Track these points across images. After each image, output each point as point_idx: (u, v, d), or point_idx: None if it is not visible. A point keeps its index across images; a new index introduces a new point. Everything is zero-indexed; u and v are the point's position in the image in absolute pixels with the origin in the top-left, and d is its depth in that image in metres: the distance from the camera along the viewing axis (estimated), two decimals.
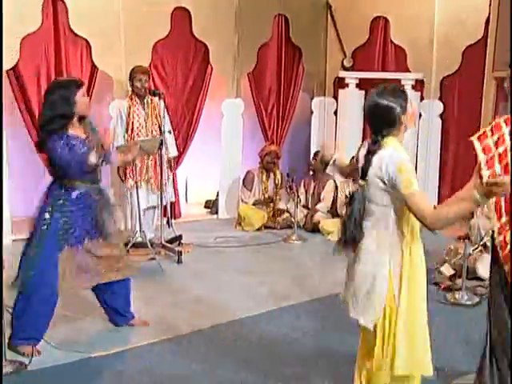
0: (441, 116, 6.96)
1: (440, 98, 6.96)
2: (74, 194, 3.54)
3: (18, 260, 5.14)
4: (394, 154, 2.52)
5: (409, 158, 2.56)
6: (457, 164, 6.96)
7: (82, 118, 3.54)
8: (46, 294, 3.50)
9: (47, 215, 3.52)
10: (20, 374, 3.33)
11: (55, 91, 3.44)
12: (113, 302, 3.92)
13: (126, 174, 5.62)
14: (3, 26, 5.39)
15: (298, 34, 7.25)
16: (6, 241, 5.48)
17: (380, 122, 2.59)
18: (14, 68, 5.64)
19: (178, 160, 6.67)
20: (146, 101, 5.59)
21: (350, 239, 2.63)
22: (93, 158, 3.48)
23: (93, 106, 6.13)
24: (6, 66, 5.55)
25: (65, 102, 3.39)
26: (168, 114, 6.27)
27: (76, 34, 5.86)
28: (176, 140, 6.56)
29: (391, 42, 7.17)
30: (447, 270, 4.85)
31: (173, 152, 5.90)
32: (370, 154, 2.58)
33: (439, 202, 7.19)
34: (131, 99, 5.57)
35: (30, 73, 5.78)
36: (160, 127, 5.52)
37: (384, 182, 2.52)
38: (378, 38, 7.26)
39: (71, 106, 3.41)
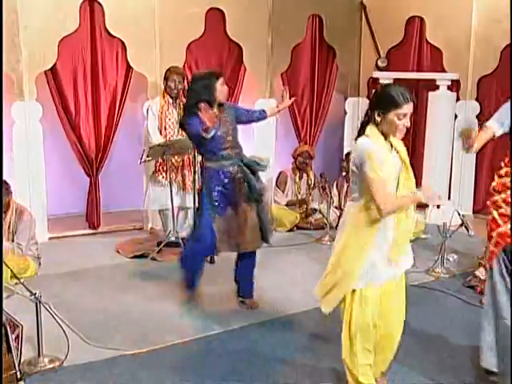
0: (477, 117, 6.84)
1: (477, 99, 6.85)
2: (210, 172, 4.09)
3: (56, 257, 5.30)
4: (365, 142, 2.79)
5: (382, 150, 2.78)
6: (493, 166, 6.83)
7: (220, 104, 4.11)
8: (201, 249, 4.21)
9: (202, 187, 4.21)
10: (56, 369, 3.39)
11: (198, 81, 4.08)
12: (243, 273, 4.41)
13: (154, 173, 5.66)
14: (42, 28, 5.57)
15: (332, 34, 7.22)
16: (42, 239, 5.61)
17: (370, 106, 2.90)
18: (52, 68, 5.74)
19: None
20: (178, 102, 5.63)
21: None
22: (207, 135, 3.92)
23: (127, 105, 6.26)
24: (45, 66, 5.67)
25: (206, 89, 3.98)
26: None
27: (112, 35, 5.94)
28: None
29: (427, 41, 7.08)
30: (482, 274, 4.77)
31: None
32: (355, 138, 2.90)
33: (475, 204, 7.09)
34: (164, 99, 5.62)
35: (67, 73, 5.88)
36: None
37: (356, 167, 2.82)
38: (413, 37, 7.18)
39: (211, 93, 3.99)
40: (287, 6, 6.77)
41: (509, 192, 3.32)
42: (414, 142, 7.25)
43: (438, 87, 6.77)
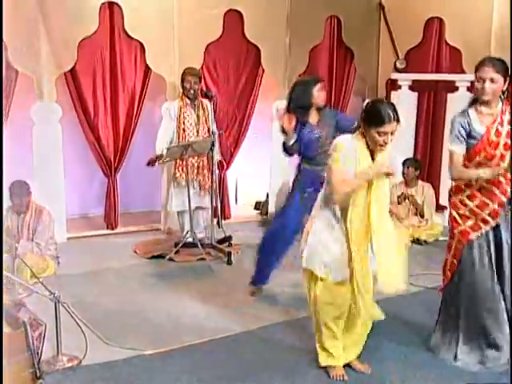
0: None
1: None
2: (305, 172, 4.30)
3: (74, 257, 5.34)
4: (342, 138, 3.16)
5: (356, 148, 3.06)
6: None
7: (320, 109, 4.29)
8: (281, 235, 4.35)
9: (293, 187, 4.41)
10: (75, 368, 3.41)
11: (297, 87, 4.30)
12: None
13: (175, 174, 5.68)
14: (62, 31, 5.61)
15: (350, 35, 7.19)
16: (61, 239, 5.66)
17: None
18: (72, 70, 5.79)
19: (228, 161, 6.72)
20: (196, 103, 5.64)
21: None
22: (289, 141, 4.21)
23: (146, 106, 6.29)
24: (65, 67, 5.72)
25: (304, 95, 4.21)
26: (219, 115, 6.35)
27: (131, 37, 5.97)
28: (227, 141, 6.62)
29: (446, 42, 7.01)
30: None
31: (217, 156, 5.87)
32: None
33: None
34: (182, 101, 5.64)
35: (86, 74, 5.93)
36: (209, 129, 5.58)
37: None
38: (432, 38, 7.11)
39: (308, 99, 4.21)
40: (305, 7, 6.75)
41: (466, 194, 3.46)
42: (433, 143, 7.19)
43: (457, 89, 6.72)
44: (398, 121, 3.05)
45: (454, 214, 3.49)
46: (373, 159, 3.11)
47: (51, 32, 5.57)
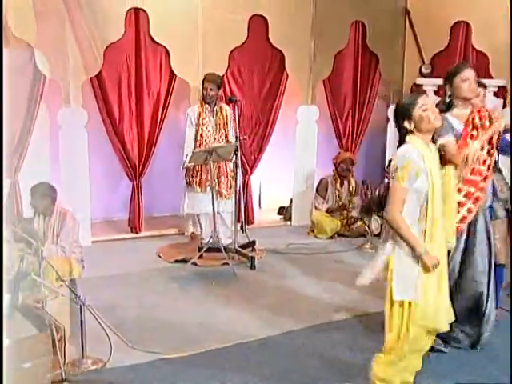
0: None
1: None
2: None
3: (99, 261, 5.38)
4: (401, 151, 2.87)
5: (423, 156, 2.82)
6: None
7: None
8: None
9: None
10: (99, 371, 3.44)
11: None
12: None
13: (193, 179, 5.69)
14: (89, 37, 5.68)
15: (375, 40, 7.15)
16: (86, 242, 5.71)
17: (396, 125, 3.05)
18: (98, 75, 5.85)
19: (252, 166, 6.73)
20: (215, 109, 5.66)
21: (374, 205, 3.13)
22: None
23: (170, 111, 6.33)
24: (91, 73, 5.78)
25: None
26: (244, 120, 6.37)
27: (156, 42, 6.02)
28: (251, 146, 6.63)
29: (472, 47, 6.95)
30: None
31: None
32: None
33: None
34: (202, 106, 5.67)
35: (112, 80, 6.00)
36: (227, 136, 5.59)
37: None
38: (458, 43, 7.05)
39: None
40: (330, 12, 6.74)
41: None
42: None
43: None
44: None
45: None
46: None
47: (78, 38, 5.64)
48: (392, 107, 7.50)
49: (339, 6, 6.80)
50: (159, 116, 6.22)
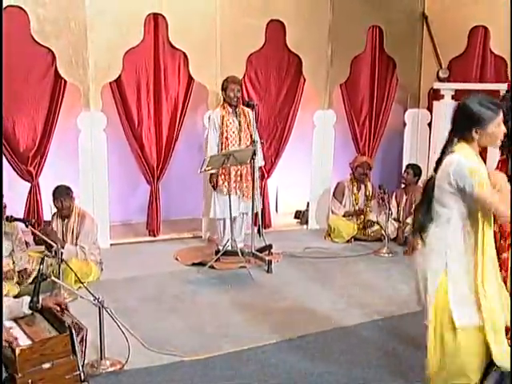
0: None
1: None
2: None
3: (117, 263, 5.44)
4: (461, 160, 2.70)
5: (480, 166, 2.74)
6: None
7: None
8: None
9: None
10: (117, 372, 3.48)
11: None
12: None
13: (217, 182, 5.73)
14: (108, 42, 5.76)
15: (392, 45, 7.15)
16: (104, 245, 5.79)
17: (455, 124, 2.83)
18: (117, 80, 5.92)
19: (269, 170, 6.75)
20: (237, 111, 5.70)
21: (418, 227, 2.84)
22: None
23: (188, 115, 6.38)
24: (110, 78, 5.86)
25: None
26: (261, 124, 6.40)
27: (174, 47, 6.08)
28: (268, 150, 6.65)
29: (491, 51, 6.92)
30: None
31: (260, 162, 5.89)
32: (442, 154, 2.80)
33: None
34: (224, 109, 5.70)
35: (131, 84, 6.07)
36: (252, 136, 5.63)
37: (452, 186, 2.69)
38: (476, 47, 7.02)
39: None
40: (347, 17, 6.75)
41: None
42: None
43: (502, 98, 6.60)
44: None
45: None
46: None
47: (98, 43, 5.73)
48: (409, 111, 7.51)
49: (356, 10, 6.81)
50: (177, 120, 6.27)
